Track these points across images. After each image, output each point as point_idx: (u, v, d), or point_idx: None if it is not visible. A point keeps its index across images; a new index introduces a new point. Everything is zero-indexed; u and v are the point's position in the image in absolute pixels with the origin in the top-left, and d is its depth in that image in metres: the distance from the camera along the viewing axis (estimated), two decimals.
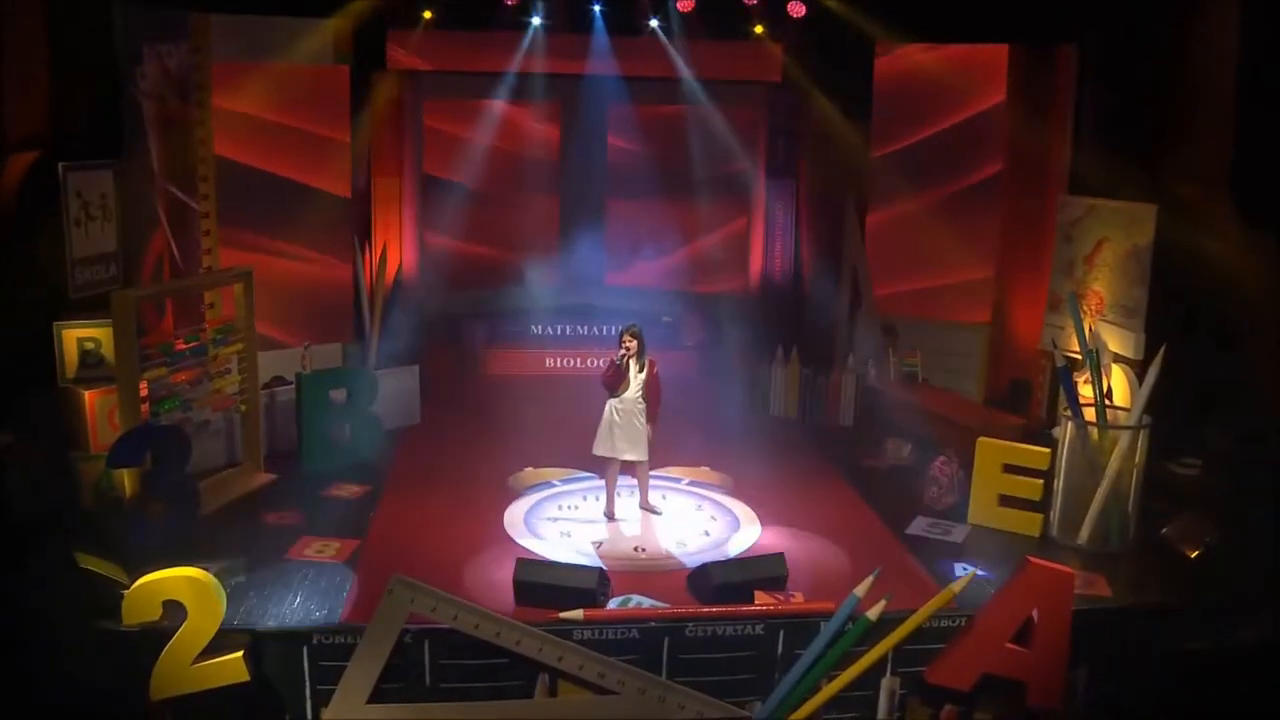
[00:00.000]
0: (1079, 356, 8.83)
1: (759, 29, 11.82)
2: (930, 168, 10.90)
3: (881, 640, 6.34)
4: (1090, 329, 8.71)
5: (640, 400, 7.90)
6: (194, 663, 5.83)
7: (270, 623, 6.18)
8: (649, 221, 12.95)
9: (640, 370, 7.92)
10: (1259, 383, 8.49)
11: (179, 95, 9.35)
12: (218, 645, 5.85)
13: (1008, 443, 7.98)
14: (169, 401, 7.66)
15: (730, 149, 12.55)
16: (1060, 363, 7.99)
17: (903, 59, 11.05)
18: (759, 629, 6.28)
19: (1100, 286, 9.31)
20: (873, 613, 6.33)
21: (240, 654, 5.85)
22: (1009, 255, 10.65)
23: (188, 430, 7.71)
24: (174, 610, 5.91)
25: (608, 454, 7.99)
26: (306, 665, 6.07)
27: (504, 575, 6.71)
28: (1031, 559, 6.47)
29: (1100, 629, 6.48)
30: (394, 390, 9.88)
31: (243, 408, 8.46)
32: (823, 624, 6.29)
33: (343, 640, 6.06)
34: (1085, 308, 9.29)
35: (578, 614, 6.22)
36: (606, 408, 7.98)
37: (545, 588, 6.45)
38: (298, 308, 10.10)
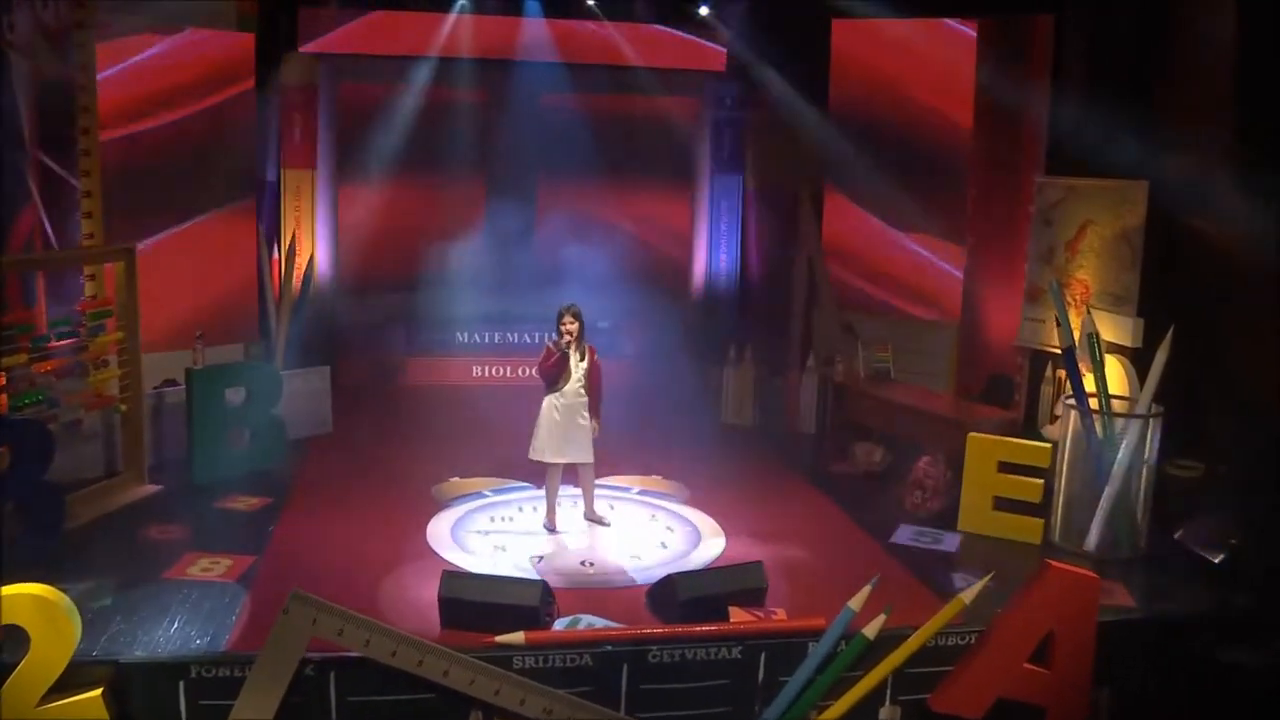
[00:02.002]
0: (1059, 351, 8.05)
1: (704, 10, 11.05)
2: (893, 151, 10.08)
3: (881, 662, 5.41)
4: (1081, 317, 7.86)
5: (582, 393, 6.90)
6: (40, 703, 4.78)
7: (139, 652, 5.07)
8: (584, 219, 11.97)
9: (582, 359, 6.91)
10: (1265, 373, 7.68)
11: (57, 55, 8.16)
12: (71, 681, 4.81)
13: (1003, 438, 7.12)
14: (30, 395, 6.50)
15: (671, 142, 11.82)
16: (1066, 343, 7.10)
17: (862, 34, 10.25)
18: (736, 651, 5.37)
19: (1086, 274, 8.56)
20: (870, 629, 5.36)
21: (99, 692, 4.83)
22: (980, 244, 9.87)
23: (52, 429, 6.51)
24: (14, 637, 4.83)
25: (551, 458, 6.96)
26: (183, 705, 4.98)
27: (427, 594, 5.66)
28: (1052, 562, 5.58)
29: (1125, 643, 5.75)
30: (302, 393, 8.78)
31: (123, 408, 7.29)
32: (811, 644, 5.42)
33: (228, 673, 4.96)
34: (1069, 298, 8.49)
35: (518, 637, 5.18)
36: (544, 405, 6.98)
37: (478, 606, 5.38)
38: (195, 303, 8.93)
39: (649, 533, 7.11)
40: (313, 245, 10.98)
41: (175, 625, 5.35)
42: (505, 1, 10.98)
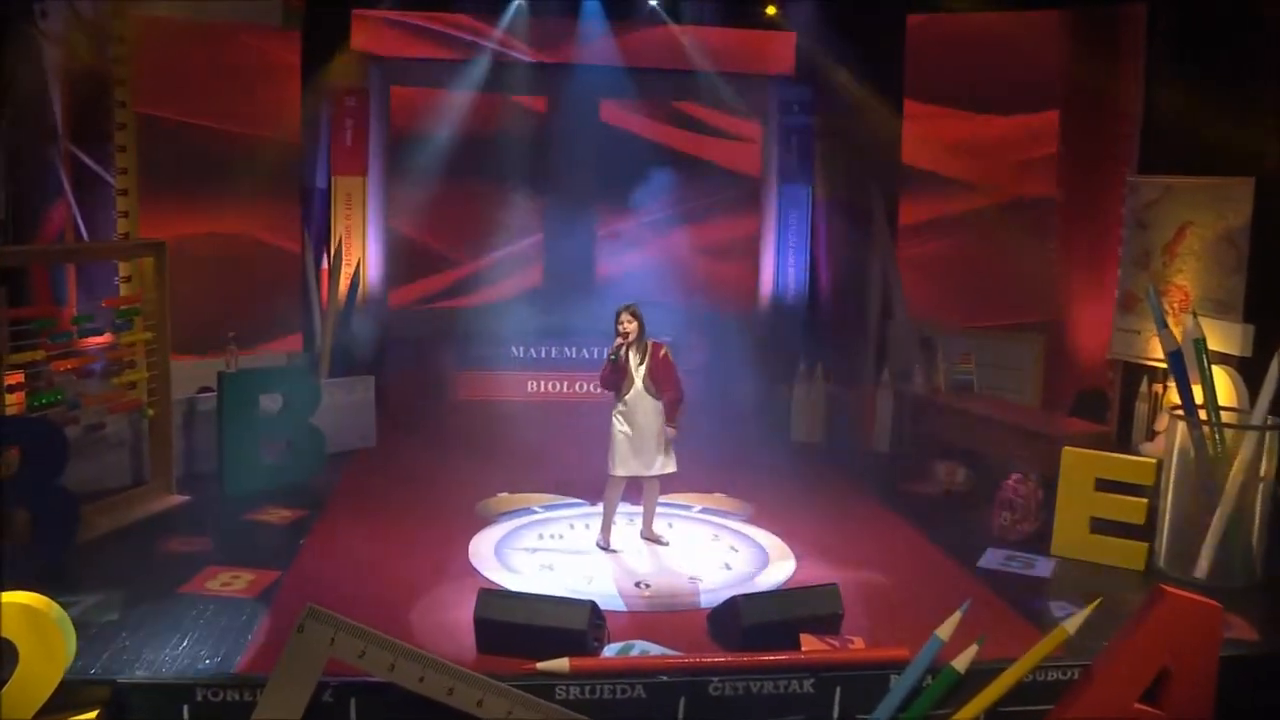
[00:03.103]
0: (1158, 364, 7.55)
1: (771, 9, 10.55)
2: (972, 155, 9.44)
3: (973, 698, 4.77)
4: (1183, 326, 7.20)
5: (647, 395, 6.34)
6: None
7: (140, 672, 4.55)
8: (645, 230, 11.46)
9: (641, 361, 6.36)
10: None
11: (94, 46, 7.83)
12: (64, 701, 4.40)
13: (1101, 453, 6.45)
14: (48, 395, 6.08)
15: (737, 150, 11.31)
16: (1171, 347, 6.42)
17: (939, 31, 9.64)
18: (808, 684, 4.81)
19: (1185, 279, 7.95)
20: (960, 662, 4.74)
21: (94, 714, 4.41)
22: (1067, 250, 9.20)
23: (71, 433, 6.09)
24: (3, 651, 4.34)
25: (633, 471, 6.40)
26: None
27: (464, 615, 5.14)
28: (1168, 589, 4.89)
29: (1247, 682, 5.09)
30: (344, 404, 8.36)
31: (150, 412, 6.85)
32: (893, 678, 4.85)
33: (236, 697, 4.45)
34: (1167, 305, 7.79)
35: (561, 664, 4.63)
36: (613, 419, 6.41)
37: (518, 629, 4.84)
38: (235, 309, 8.47)
39: (712, 553, 6.56)
40: (363, 253, 10.57)
41: (185, 643, 4.91)
42: (563, 2, 10.52)
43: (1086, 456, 6.45)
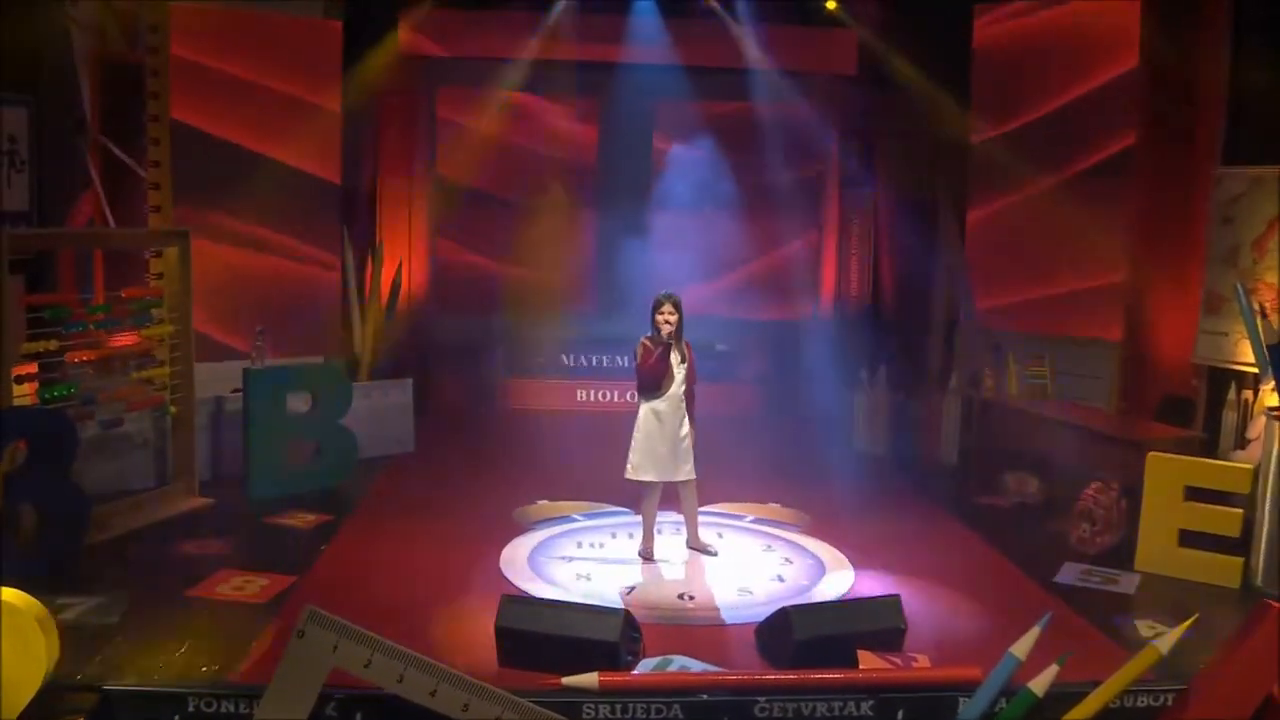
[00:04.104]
0: (1248, 368, 7.02)
1: (831, 3, 10.16)
2: (1043, 153, 9.01)
3: None
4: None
5: (681, 398, 5.90)
6: None
7: (130, 679, 4.13)
8: (701, 237, 11.03)
9: (682, 360, 5.92)
10: None
11: (126, 36, 7.58)
12: (45, 710, 4.01)
13: (1191, 458, 5.88)
14: (61, 387, 5.74)
15: (796, 152, 10.83)
16: (1272, 339, 5.86)
17: (1008, 23, 9.14)
18: (866, 706, 4.28)
19: (1275, 277, 7.28)
20: (1038, 684, 4.18)
21: None
22: (1146, 249, 8.60)
23: (86, 429, 5.78)
24: None
25: (654, 476, 5.97)
26: None
27: (489, 626, 4.68)
28: (1274, 604, 4.29)
29: None
30: (381, 407, 8.04)
31: (173, 410, 6.52)
32: (962, 701, 4.28)
33: (232, 708, 4.05)
34: (1257, 305, 7.19)
35: (590, 679, 4.15)
36: (641, 415, 6.02)
37: (543, 640, 4.41)
38: (271, 309, 8.12)
39: (763, 564, 6.10)
40: (408, 256, 10.28)
41: (184, 650, 4.49)
42: (615, 0, 10.19)
43: (1174, 462, 5.92)
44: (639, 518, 6.28)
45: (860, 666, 4.43)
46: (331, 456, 7.14)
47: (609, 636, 4.37)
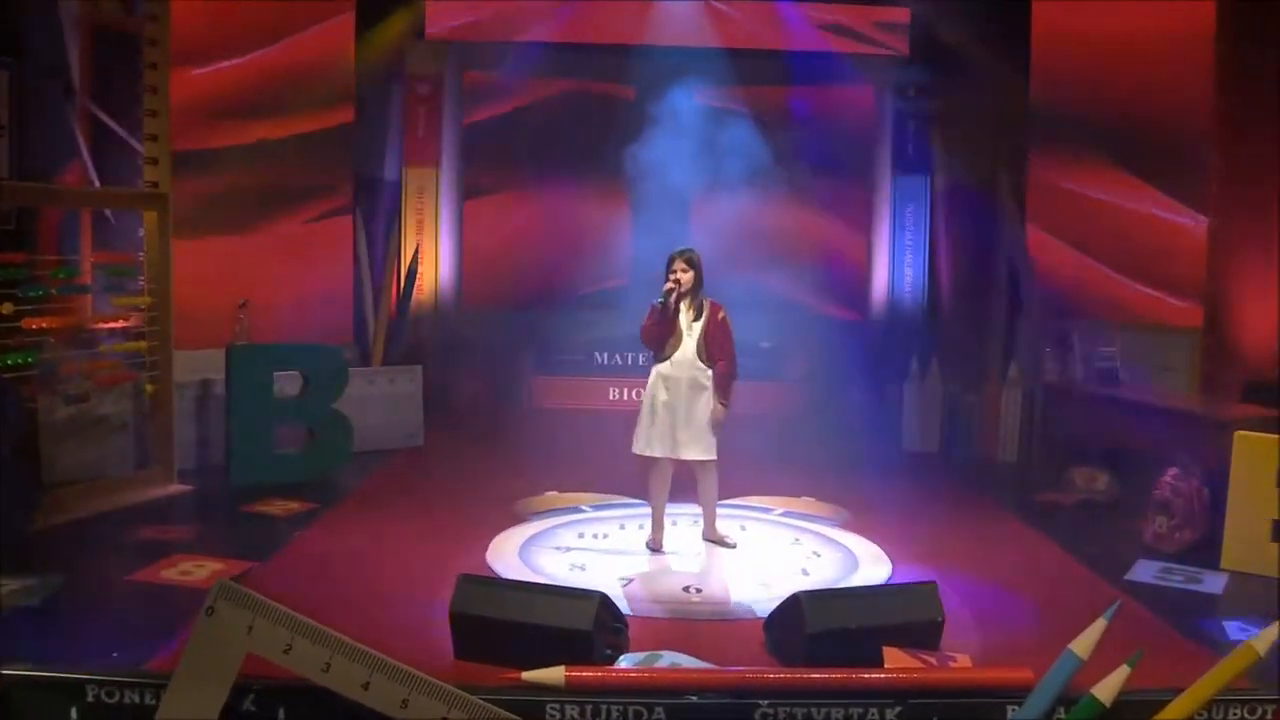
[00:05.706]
0: None
1: None
2: (1107, 130, 8.28)
3: None
4: None
5: (699, 364, 5.22)
6: None
7: (25, 665, 3.54)
8: (745, 228, 10.40)
9: (696, 318, 5.25)
10: None
11: (121, 2, 7.15)
12: None
13: None
14: (16, 355, 5.23)
15: (846, 139, 10.22)
16: None
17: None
18: (892, 713, 3.45)
19: None
20: (1105, 689, 3.40)
21: None
22: (1227, 226, 7.79)
23: (49, 403, 5.28)
24: None
25: (654, 450, 5.26)
26: None
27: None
28: None
29: None
30: (388, 396, 7.46)
31: (149, 388, 6.00)
32: (1011, 709, 3.47)
33: (136, 698, 3.40)
34: None
35: (555, 675, 3.41)
36: (650, 379, 5.31)
37: (505, 628, 3.73)
38: (281, 297, 7.70)
39: (788, 558, 5.37)
40: (435, 250, 9.82)
41: (104, 635, 3.90)
42: None
43: (1267, 442, 5.12)
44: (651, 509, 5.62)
45: (886, 665, 3.72)
46: (324, 443, 6.56)
47: (581, 625, 3.68)
